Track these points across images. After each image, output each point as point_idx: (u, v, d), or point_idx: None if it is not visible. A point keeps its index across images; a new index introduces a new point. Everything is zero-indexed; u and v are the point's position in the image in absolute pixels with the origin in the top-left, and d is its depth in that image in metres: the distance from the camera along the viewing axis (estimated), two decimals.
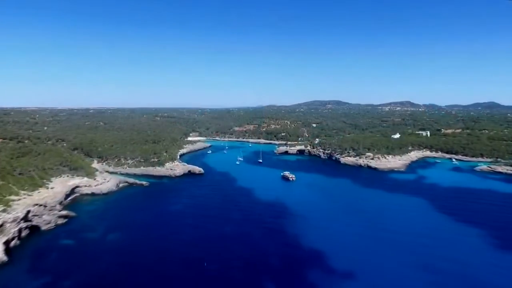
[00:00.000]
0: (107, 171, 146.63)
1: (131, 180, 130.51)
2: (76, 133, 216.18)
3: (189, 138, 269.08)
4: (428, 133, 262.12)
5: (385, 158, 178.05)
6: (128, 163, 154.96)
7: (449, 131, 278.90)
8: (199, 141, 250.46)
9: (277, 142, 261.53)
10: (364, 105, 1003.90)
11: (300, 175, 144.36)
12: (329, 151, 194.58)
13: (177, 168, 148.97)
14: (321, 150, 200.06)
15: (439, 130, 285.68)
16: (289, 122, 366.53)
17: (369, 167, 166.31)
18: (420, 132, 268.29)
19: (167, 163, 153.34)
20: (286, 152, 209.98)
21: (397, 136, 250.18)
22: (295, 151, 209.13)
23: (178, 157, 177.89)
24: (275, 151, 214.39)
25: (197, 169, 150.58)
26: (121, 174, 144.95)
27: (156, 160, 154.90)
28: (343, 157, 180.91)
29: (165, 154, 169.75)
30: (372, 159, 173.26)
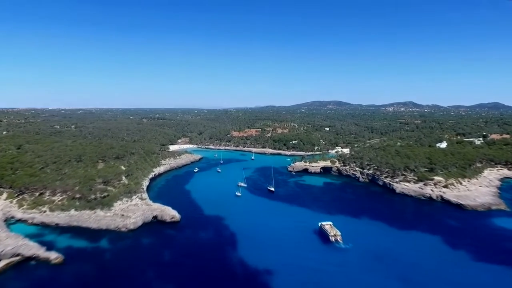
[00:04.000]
0: (11, 217, 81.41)
1: (32, 248, 64.43)
2: (12, 143, 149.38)
3: (173, 148, 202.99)
4: (481, 141, 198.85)
5: (460, 183, 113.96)
6: (55, 200, 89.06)
7: (495, 136, 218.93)
8: (185, 152, 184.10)
9: (288, 153, 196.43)
10: (365, 105, 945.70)
11: (347, 226, 79.53)
12: (370, 171, 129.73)
13: (133, 212, 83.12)
14: (357, 168, 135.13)
15: (485, 136, 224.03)
16: (296, 125, 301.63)
17: (445, 200, 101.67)
18: (471, 139, 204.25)
19: (118, 202, 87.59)
20: (305, 171, 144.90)
21: (443, 145, 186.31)
22: (318, 169, 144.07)
23: (146, 184, 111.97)
24: (290, 168, 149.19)
25: (168, 213, 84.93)
26: (33, 224, 79.56)
27: (99, 196, 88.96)
28: (397, 182, 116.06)
29: (124, 180, 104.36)
30: (446, 186, 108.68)
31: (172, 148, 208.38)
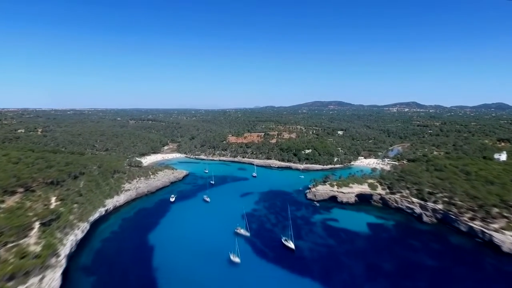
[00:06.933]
0: None
1: None
2: None
3: (154, 158, 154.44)
4: None
5: None
6: None
7: None
8: (166, 166, 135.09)
9: (300, 166, 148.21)
10: (367, 106, 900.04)
11: None
12: (439, 206, 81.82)
13: None
14: (414, 200, 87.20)
15: None
16: (304, 129, 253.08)
17: None
18: None
19: None
20: (333, 199, 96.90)
21: (504, 156, 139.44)
22: (352, 198, 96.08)
23: (77, 238, 63.69)
24: (310, 195, 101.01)
25: None
26: None
27: None
28: (498, 230, 68.25)
29: (34, 234, 56.46)
30: None
31: (152, 159, 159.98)
